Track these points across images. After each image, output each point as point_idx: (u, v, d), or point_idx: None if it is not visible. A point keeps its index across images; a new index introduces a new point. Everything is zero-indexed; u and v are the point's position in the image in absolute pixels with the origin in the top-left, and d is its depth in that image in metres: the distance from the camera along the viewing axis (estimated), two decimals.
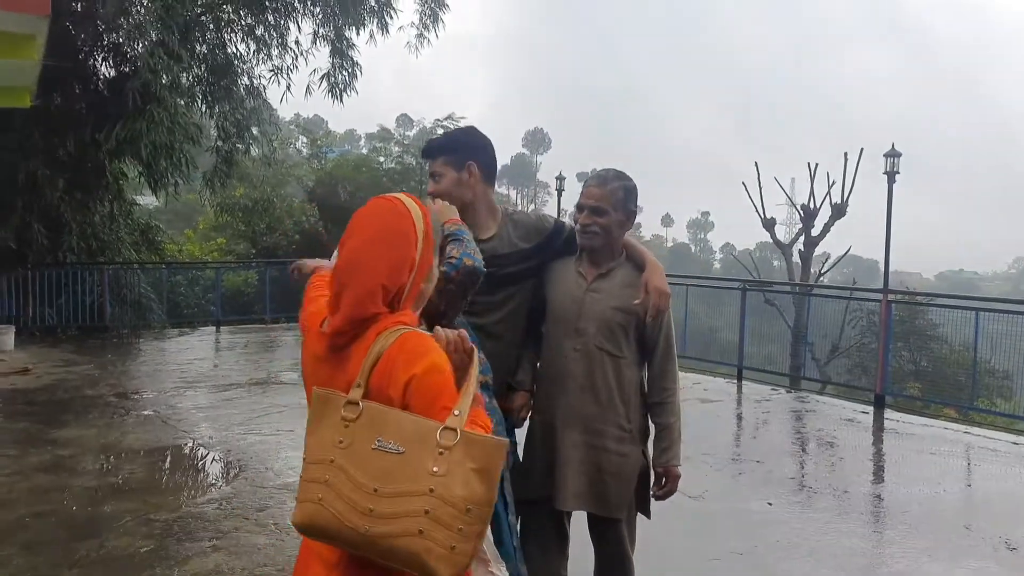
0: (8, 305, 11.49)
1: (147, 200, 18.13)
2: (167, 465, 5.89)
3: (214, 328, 13.79)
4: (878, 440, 7.46)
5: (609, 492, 2.67)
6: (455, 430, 1.53)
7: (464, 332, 1.73)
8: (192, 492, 5.24)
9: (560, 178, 18.90)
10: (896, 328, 11.23)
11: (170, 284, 14.91)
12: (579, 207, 2.73)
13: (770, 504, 5.31)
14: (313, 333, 1.78)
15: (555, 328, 2.75)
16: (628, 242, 2.79)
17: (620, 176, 2.74)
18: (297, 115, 38.77)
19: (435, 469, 1.51)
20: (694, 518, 4.97)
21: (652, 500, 2.83)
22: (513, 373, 2.77)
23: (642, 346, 2.75)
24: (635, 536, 2.80)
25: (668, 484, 2.76)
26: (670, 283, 2.77)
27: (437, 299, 2.14)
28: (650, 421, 2.81)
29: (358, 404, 1.61)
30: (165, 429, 6.78)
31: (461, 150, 2.64)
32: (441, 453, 1.51)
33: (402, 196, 1.78)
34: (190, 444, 6.40)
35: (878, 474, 6.39)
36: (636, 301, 2.65)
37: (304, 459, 1.65)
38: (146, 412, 7.39)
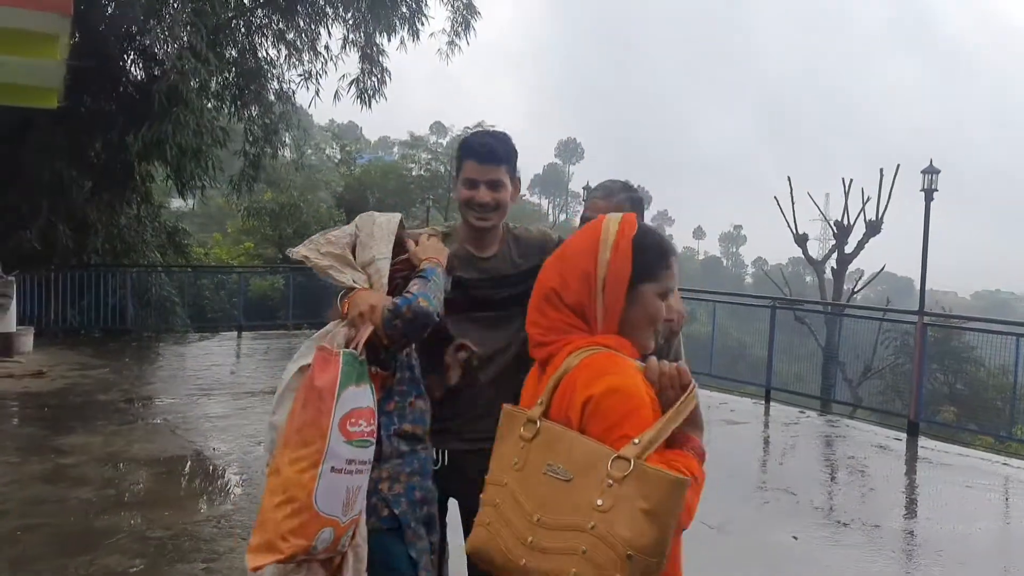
0: (31, 306, 11.47)
1: (179, 203, 18.22)
2: (169, 478, 5.72)
3: (236, 333, 13.71)
4: (911, 470, 7.13)
5: None
6: (629, 460, 1.34)
7: (684, 367, 1.52)
8: (190, 508, 5.05)
9: (588, 188, 18.69)
10: (930, 349, 10.85)
11: (195, 288, 14.89)
12: (583, 220, 2.53)
13: (796, 538, 5.02)
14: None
15: None
16: None
17: (626, 188, 2.55)
18: (331, 121, 39.17)
19: (600, 503, 1.34)
20: (713, 550, 4.69)
21: None
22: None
23: None
24: None
25: None
26: (697, 298, 2.55)
27: (381, 331, 1.96)
28: None
29: (536, 423, 1.48)
30: (172, 439, 6.63)
31: (514, 161, 2.42)
32: (610, 485, 1.34)
33: (613, 214, 1.63)
34: (196, 456, 6.24)
35: (911, 508, 6.07)
36: None
37: (486, 478, 1.55)
38: (155, 420, 7.25)
